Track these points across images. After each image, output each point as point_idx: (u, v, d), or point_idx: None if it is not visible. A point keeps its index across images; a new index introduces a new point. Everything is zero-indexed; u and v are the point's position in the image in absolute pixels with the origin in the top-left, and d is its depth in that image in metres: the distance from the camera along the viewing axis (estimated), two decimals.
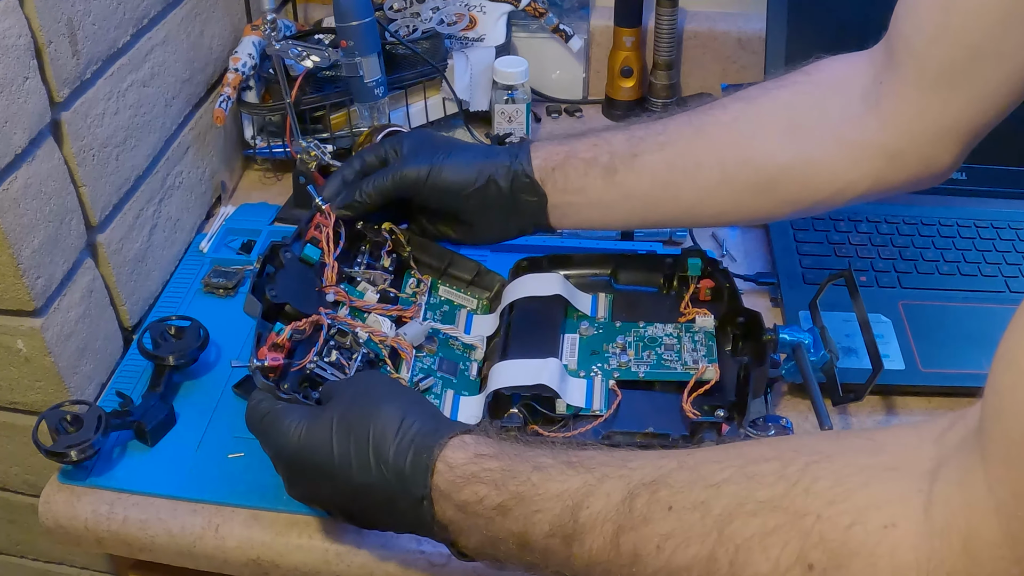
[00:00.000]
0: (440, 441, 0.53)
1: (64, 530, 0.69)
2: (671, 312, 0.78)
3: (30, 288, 0.68)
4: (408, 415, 0.55)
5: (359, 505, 0.56)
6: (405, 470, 0.53)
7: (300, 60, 0.93)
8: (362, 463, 0.54)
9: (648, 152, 0.68)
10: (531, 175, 0.70)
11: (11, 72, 0.64)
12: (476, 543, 0.52)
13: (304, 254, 0.75)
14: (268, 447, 0.60)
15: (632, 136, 0.69)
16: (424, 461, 0.52)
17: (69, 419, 0.68)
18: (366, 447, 0.54)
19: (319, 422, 0.57)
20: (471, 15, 1.11)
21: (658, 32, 1.11)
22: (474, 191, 0.71)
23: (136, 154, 0.81)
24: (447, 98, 1.07)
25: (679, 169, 0.68)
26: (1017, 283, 0.85)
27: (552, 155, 0.70)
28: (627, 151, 0.68)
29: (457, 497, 0.51)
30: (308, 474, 0.57)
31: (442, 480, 0.52)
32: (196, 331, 0.77)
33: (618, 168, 0.68)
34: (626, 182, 0.68)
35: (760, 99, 0.68)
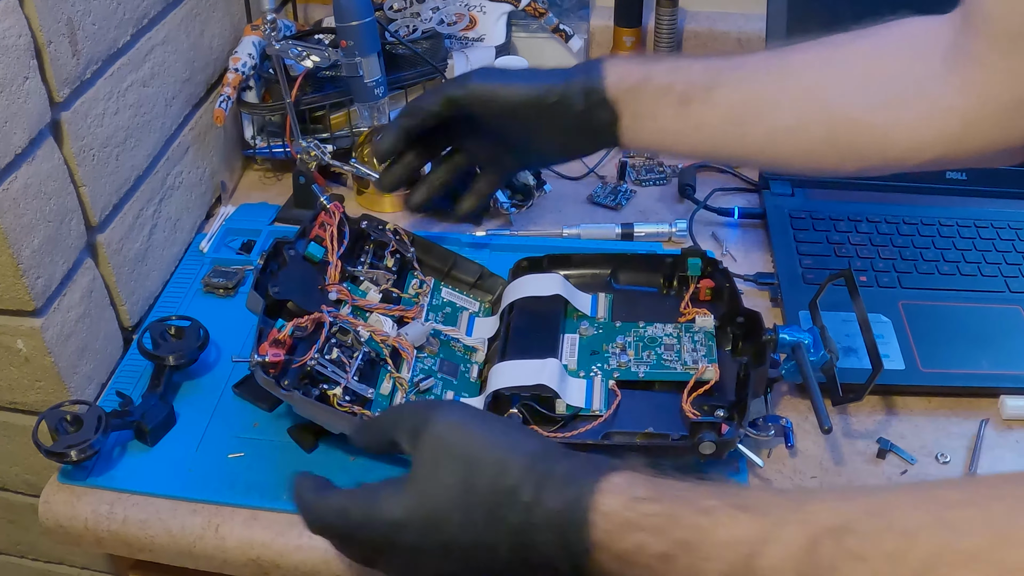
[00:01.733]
0: (591, 487, 0.48)
1: (64, 530, 0.69)
2: (671, 312, 0.78)
3: (30, 288, 0.68)
4: (537, 460, 0.50)
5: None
6: (561, 525, 0.47)
7: (300, 60, 0.93)
8: (498, 529, 0.48)
9: (725, 86, 0.66)
10: (604, 93, 0.67)
11: (11, 72, 0.64)
12: None
13: (308, 252, 0.75)
14: (361, 544, 0.53)
15: (710, 67, 0.67)
16: (579, 514, 0.47)
17: (69, 419, 0.68)
18: (500, 511, 0.48)
19: (428, 495, 0.50)
20: (471, 15, 1.11)
21: (658, 32, 1.11)
22: (545, 106, 0.68)
23: (136, 154, 0.81)
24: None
25: (753, 107, 0.66)
26: (1017, 283, 0.85)
27: (628, 74, 0.68)
28: (704, 82, 0.66)
29: (616, 547, 0.46)
30: (429, 563, 0.51)
31: (598, 531, 0.47)
32: (196, 331, 0.77)
33: (693, 99, 0.66)
34: (699, 114, 0.66)
35: (843, 47, 0.66)
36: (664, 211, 0.98)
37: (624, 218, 0.97)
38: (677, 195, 1.00)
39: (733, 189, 1.01)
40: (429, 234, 0.87)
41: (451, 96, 0.70)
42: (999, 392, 0.75)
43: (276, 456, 0.71)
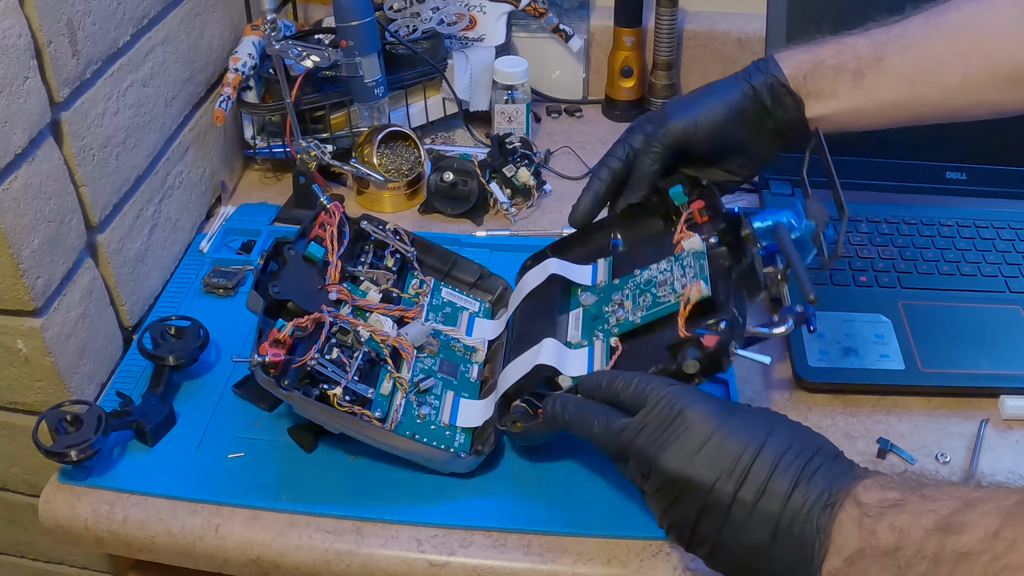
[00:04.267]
0: (874, 472, 0.52)
1: (64, 530, 0.69)
2: (669, 248, 0.74)
3: (30, 288, 0.68)
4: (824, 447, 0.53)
5: (750, 505, 0.51)
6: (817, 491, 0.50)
7: (300, 60, 0.93)
8: (788, 462, 0.51)
9: (892, 55, 0.69)
10: (786, 83, 0.70)
11: (11, 72, 0.64)
12: (847, 552, 0.49)
13: (308, 252, 0.75)
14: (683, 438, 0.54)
15: (874, 40, 0.70)
16: (854, 475, 0.51)
17: (69, 419, 0.68)
18: (807, 454, 0.52)
19: (751, 417, 0.54)
20: (471, 15, 1.11)
21: (658, 32, 1.11)
22: (742, 115, 0.71)
23: (136, 154, 0.81)
24: (447, 98, 1.07)
25: (923, 70, 0.69)
26: (1017, 283, 0.85)
27: (801, 63, 0.71)
28: (872, 55, 0.69)
29: (863, 496, 0.49)
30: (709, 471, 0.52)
31: (860, 487, 0.50)
32: (196, 331, 0.77)
33: (865, 72, 0.69)
34: (874, 85, 0.69)
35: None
36: None
37: None
38: None
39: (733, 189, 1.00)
40: (429, 234, 0.87)
41: (656, 152, 0.72)
42: (999, 392, 0.75)
43: (276, 456, 0.71)
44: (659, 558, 0.64)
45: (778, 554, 0.50)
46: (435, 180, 0.96)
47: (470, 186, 0.96)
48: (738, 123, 0.71)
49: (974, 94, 0.69)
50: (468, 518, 0.66)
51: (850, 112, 0.71)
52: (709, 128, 0.71)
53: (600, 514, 0.67)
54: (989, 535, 0.44)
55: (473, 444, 0.70)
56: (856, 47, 0.70)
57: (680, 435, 0.53)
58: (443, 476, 0.69)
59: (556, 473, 0.70)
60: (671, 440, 0.53)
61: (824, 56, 0.70)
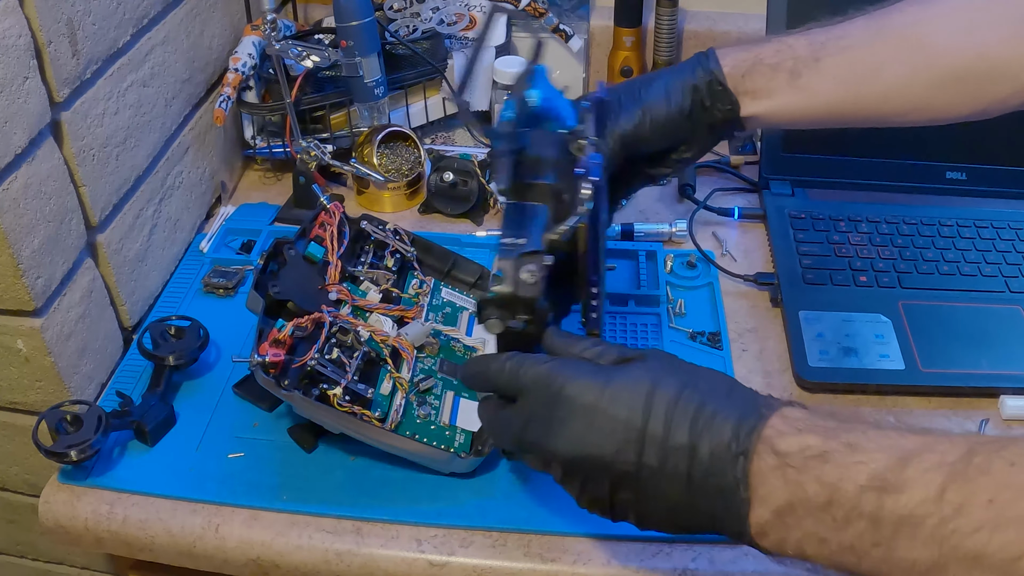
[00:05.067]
0: (777, 402, 0.50)
1: (64, 530, 0.69)
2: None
3: (30, 288, 0.68)
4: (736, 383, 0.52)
5: (656, 466, 0.50)
6: (737, 422, 0.49)
7: (300, 60, 0.93)
8: (682, 413, 0.50)
9: (830, 55, 0.69)
10: (724, 83, 0.70)
11: (11, 72, 0.64)
12: (775, 504, 0.47)
13: (308, 252, 0.75)
14: (548, 402, 0.53)
15: (813, 40, 0.70)
16: (755, 417, 0.49)
17: (69, 419, 0.68)
18: (697, 398, 0.50)
19: (631, 375, 0.52)
20: (471, 15, 1.11)
21: (658, 32, 1.11)
22: (682, 115, 0.70)
23: (136, 154, 0.81)
24: (447, 98, 1.07)
25: (861, 71, 0.68)
26: (1017, 283, 0.85)
27: (741, 61, 0.70)
28: (810, 55, 0.69)
29: (780, 445, 0.47)
30: (602, 435, 0.51)
31: (772, 430, 0.48)
32: (196, 331, 0.77)
33: (802, 71, 0.69)
34: (810, 85, 0.69)
35: (937, 1, 0.69)
36: (664, 211, 0.98)
37: (624, 218, 0.97)
38: (677, 195, 1.00)
39: (733, 189, 1.01)
40: (429, 234, 0.87)
41: (614, 154, 0.70)
42: (999, 392, 0.75)
43: (276, 456, 0.71)
44: (659, 558, 0.64)
45: (701, 508, 0.49)
46: (435, 180, 0.96)
47: (470, 186, 0.96)
48: (678, 123, 0.70)
49: (912, 97, 0.68)
50: (468, 518, 0.66)
51: (785, 111, 0.70)
52: (650, 129, 0.70)
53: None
54: (932, 496, 0.42)
55: (473, 444, 0.70)
56: (795, 47, 0.70)
57: (565, 416, 0.52)
58: (443, 476, 0.69)
59: None
60: (558, 424, 0.52)
61: (763, 55, 0.70)
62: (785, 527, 0.47)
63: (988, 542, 0.40)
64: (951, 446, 0.44)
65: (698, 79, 0.70)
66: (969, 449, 0.43)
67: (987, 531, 0.40)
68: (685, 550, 0.65)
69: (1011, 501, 0.40)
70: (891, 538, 0.43)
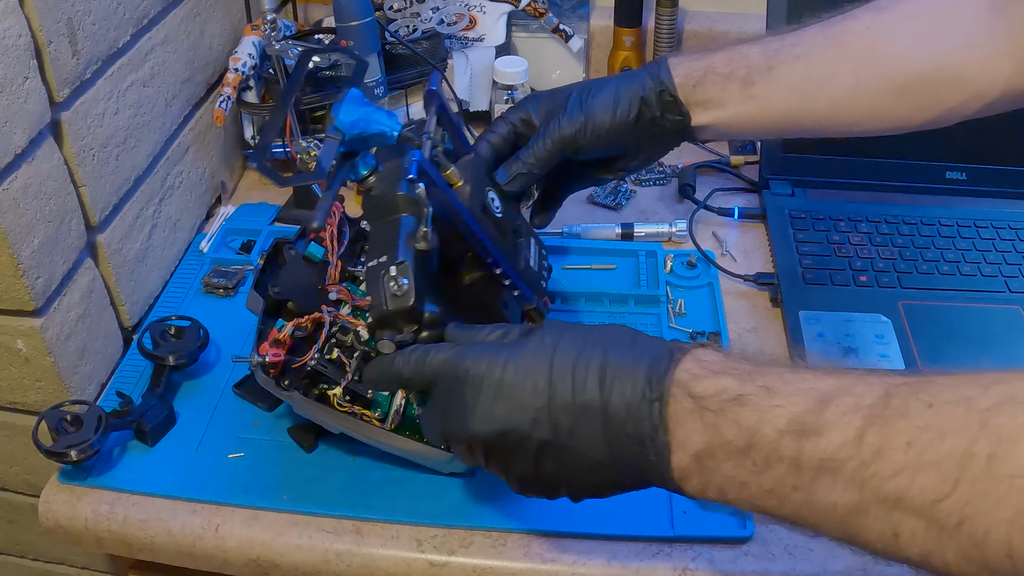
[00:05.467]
0: (688, 345, 0.50)
1: (64, 530, 0.69)
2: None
3: (30, 288, 0.68)
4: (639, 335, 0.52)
5: (571, 428, 0.50)
6: (649, 367, 0.48)
7: None
8: (586, 370, 0.49)
9: (783, 63, 0.69)
10: (675, 94, 0.70)
11: (11, 72, 0.64)
12: (694, 448, 0.47)
13: (308, 252, 0.75)
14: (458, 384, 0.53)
15: (767, 48, 0.70)
16: (667, 361, 0.48)
17: (69, 419, 0.68)
18: (600, 353, 0.50)
19: (530, 345, 0.52)
20: (471, 15, 1.11)
21: (658, 32, 1.11)
22: (629, 123, 0.70)
23: (136, 154, 0.81)
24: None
25: (814, 79, 0.68)
26: (1017, 283, 0.85)
27: (692, 70, 0.70)
28: (763, 63, 0.69)
29: (696, 388, 0.47)
30: (515, 402, 0.51)
31: (686, 373, 0.48)
32: (196, 331, 0.77)
33: (755, 80, 0.69)
34: (763, 94, 0.69)
35: (891, 9, 0.68)
36: (664, 211, 0.98)
37: (624, 218, 0.97)
38: (677, 195, 1.00)
39: (733, 189, 1.01)
40: None
41: (542, 156, 0.71)
42: None
43: (276, 456, 0.71)
44: (659, 558, 0.64)
45: (624, 461, 0.49)
46: None
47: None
48: (623, 132, 0.70)
49: (866, 104, 0.68)
50: (468, 518, 0.66)
51: (737, 120, 0.70)
52: (590, 137, 0.70)
53: (600, 514, 0.67)
54: (851, 440, 0.42)
55: None
56: (748, 55, 0.69)
57: (476, 397, 0.52)
58: (443, 476, 0.69)
59: None
60: (470, 407, 0.52)
61: (716, 64, 0.69)
62: (706, 471, 0.47)
63: (908, 485, 0.40)
64: (868, 388, 0.43)
65: (647, 90, 0.70)
66: (886, 391, 0.43)
67: (907, 474, 0.40)
68: (685, 550, 0.65)
69: (930, 443, 0.40)
70: (811, 482, 0.43)
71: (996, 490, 0.38)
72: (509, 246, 0.64)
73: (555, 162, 0.71)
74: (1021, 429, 0.38)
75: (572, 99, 0.71)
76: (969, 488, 0.38)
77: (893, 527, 0.41)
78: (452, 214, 0.60)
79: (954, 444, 0.39)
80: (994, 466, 0.38)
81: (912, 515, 0.40)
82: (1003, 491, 0.37)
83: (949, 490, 0.39)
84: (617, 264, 0.90)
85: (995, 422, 0.38)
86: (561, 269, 0.89)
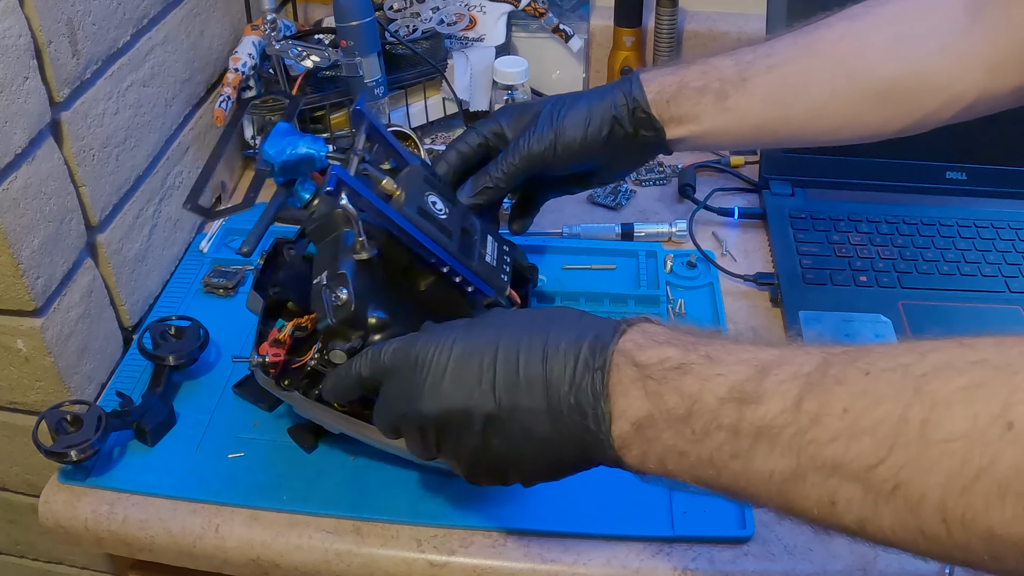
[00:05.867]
0: (635, 319, 0.50)
1: (64, 530, 0.69)
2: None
3: (30, 288, 0.68)
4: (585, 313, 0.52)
5: (515, 401, 0.50)
6: (593, 339, 0.49)
7: (300, 60, 0.93)
8: (530, 346, 0.50)
9: (757, 75, 0.69)
10: (648, 110, 0.70)
11: (11, 72, 0.64)
12: (635, 416, 0.47)
13: (308, 252, 0.75)
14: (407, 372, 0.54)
15: (740, 60, 0.70)
16: (612, 332, 0.49)
17: (69, 419, 0.68)
18: (545, 330, 0.50)
19: (478, 327, 0.53)
20: (471, 15, 1.11)
21: (658, 32, 1.11)
22: (601, 141, 0.70)
23: (136, 154, 0.81)
24: (447, 98, 1.07)
25: (789, 89, 0.68)
26: (1017, 283, 0.85)
27: (665, 86, 0.70)
28: (736, 75, 0.69)
29: (640, 356, 0.47)
30: (464, 380, 0.51)
31: (631, 343, 0.48)
32: (196, 331, 0.77)
33: (729, 93, 0.69)
34: (738, 106, 0.69)
35: (865, 16, 0.68)
36: (664, 211, 0.98)
37: (624, 218, 0.97)
38: (677, 195, 1.00)
39: (733, 189, 1.01)
40: None
41: (510, 171, 0.71)
42: None
43: (276, 456, 0.71)
44: (659, 558, 0.64)
45: (567, 435, 0.49)
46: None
47: None
48: (594, 148, 0.71)
49: (840, 113, 0.68)
50: (468, 518, 0.66)
51: (713, 133, 0.70)
52: (560, 154, 0.70)
53: (600, 514, 0.67)
54: (789, 407, 0.42)
55: None
56: (721, 68, 0.69)
57: (425, 378, 0.52)
58: (443, 476, 0.69)
59: None
60: (420, 388, 0.53)
61: (689, 78, 0.70)
62: (646, 441, 0.47)
63: (845, 451, 0.40)
64: (807, 357, 0.43)
65: (619, 107, 0.70)
66: (824, 360, 0.43)
67: (843, 440, 0.40)
68: (685, 550, 0.65)
69: (865, 409, 0.40)
70: (749, 449, 0.43)
71: (929, 455, 0.38)
72: (456, 245, 0.65)
73: (523, 178, 0.71)
74: (955, 394, 0.38)
75: (543, 116, 0.71)
76: (903, 453, 0.38)
77: (830, 494, 0.41)
78: (385, 221, 0.62)
79: (889, 410, 0.39)
80: (927, 431, 0.38)
81: (848, 481, 0.40)
82: (936, 455, 0.37)
83: (884, 455, 0.39)
84: (617, 264, 0.90)
85: (930, 388, 0.38)
86: (561, 269, 0.89)
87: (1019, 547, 0.36)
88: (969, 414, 0.37)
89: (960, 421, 0.37)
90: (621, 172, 0.75)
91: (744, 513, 0.66)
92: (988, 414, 0.36)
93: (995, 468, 0.36)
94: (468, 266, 0.65)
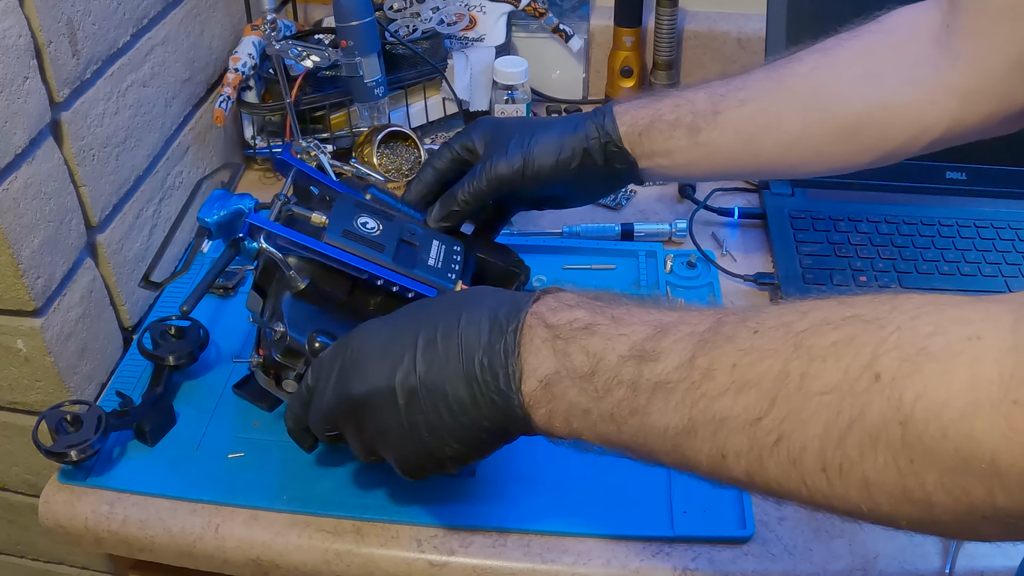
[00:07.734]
0: (552, 288, 0.52)
1: (64, 530, 0.69)
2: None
3: (30, 288, 0.68)
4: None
5: (435, 370, 0.51)
6: (504, 307, 0.51)
7: (300, 60, 0.93)
8: (449, 317, 0.52)
9: (729, 109, 0.69)
10: (620, 144, 0.70)
11: (11, 72, 0.64)
12: (543, 373, 0.48)
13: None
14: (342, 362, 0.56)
15: (713, 94, 0.70)
16: (524, 299, 0.51)
17: (69, 419, 0.68)
18: (465, 304, 0.52)
19: (403, 313, 0.56)
20: (471, 15, 1.11)
21: (658, 32, 1.11)
22: (572, 171, 0.71)
23: (136, 154, 0.81)
24: (447, 98, 1.07)
25: (761, 123, 0.69)
26: (1017, 283, 0.85)
27: (637, 119, 0.71)
28: (709, 109, 0.69)
29: (551, 319, 0.49)
30: (381, 356, 0.53)
31: (544, 306, 0.50)
32: (196, 331, 0.77)
33: (701, 127, 0.69)
34: (710, 140, 0.69)
35: (836, 49, 0.69)
36: (664, 211, 0.98)
37: (624, 218, 0.97)
38: (677, 195, 1.00)
39: (733, 189, 1.01)
40: None
41: (477, 192, 0.72)
42: None
43: (276, 456, 0.71)
44: (659, 558, 0.64)
45: (483, 399, 0.49)
46: None
47: None
48: (564, 177, 0.71)
49: (812, 147, 0.69)
50: (468, 518, 0.67)
51: (685, 166, 0.71)
52: (529, 180, 0.71)
53: (600, 514, 0.67)
54: (684, 363, 0.44)
55: None
56: (695, 100, 0.70)
57: (353, 363, 0.54)
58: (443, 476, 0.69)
59: (556, 473, 0.70)
60: (346, 373, 0.54)
61: (662, 111, 0.70)
62: (553, 399, 0.48)
63: (732, 405, 0.42)
64: (703, 318, 0.46)
65: (591, 141, 0.71)
66: (718, 320, 0.45)
67: (731, 394, 0.42)
68: (685, 550, 0.65)
69: (751, 364, 0.41)
70: (647, 404, 0.45)
71: (808, 407, 0.39)
72: (391, 257, 0.66)
73: (490, 200, 0.72)
74: (830, 348, 0.39)
75: (514, 141, 0.72)
76: (785, 406, 0.40)
77: (720, 447, 0.42)
78: (306, 251, 0.64)
79: (771, 365, 0.41)
80: (805, 384, 0.39)
81: (736, 434, 0.42)
82: (813, 408, 0.39)
83: (767, 408, 0.40)
84: (617, 264, 0.90)
85: (808, 343, 0.40)
86: (561, 269, 0.89)
87: (892, 494, 0.37)
88: (841, 367, 0.38)
89: (833, 373, 0.38)
90: (593, 198, 0.77)
91: (744, 513, 0.66)
92: (858, 366, 0.38)
93: (865, 418, 0.37)
94: (405, 274, 0.66)
